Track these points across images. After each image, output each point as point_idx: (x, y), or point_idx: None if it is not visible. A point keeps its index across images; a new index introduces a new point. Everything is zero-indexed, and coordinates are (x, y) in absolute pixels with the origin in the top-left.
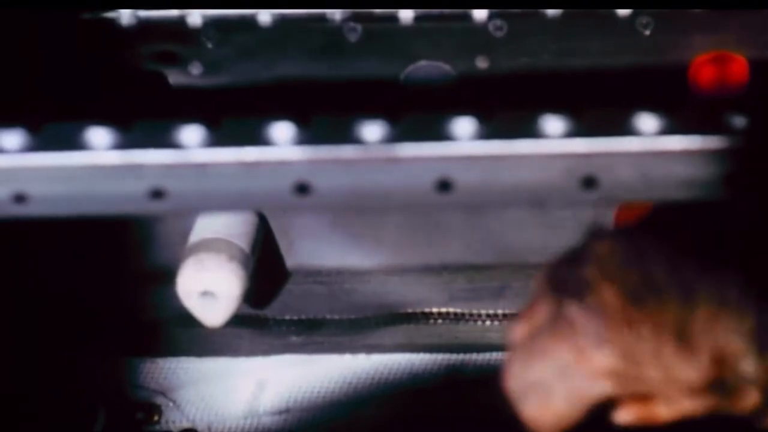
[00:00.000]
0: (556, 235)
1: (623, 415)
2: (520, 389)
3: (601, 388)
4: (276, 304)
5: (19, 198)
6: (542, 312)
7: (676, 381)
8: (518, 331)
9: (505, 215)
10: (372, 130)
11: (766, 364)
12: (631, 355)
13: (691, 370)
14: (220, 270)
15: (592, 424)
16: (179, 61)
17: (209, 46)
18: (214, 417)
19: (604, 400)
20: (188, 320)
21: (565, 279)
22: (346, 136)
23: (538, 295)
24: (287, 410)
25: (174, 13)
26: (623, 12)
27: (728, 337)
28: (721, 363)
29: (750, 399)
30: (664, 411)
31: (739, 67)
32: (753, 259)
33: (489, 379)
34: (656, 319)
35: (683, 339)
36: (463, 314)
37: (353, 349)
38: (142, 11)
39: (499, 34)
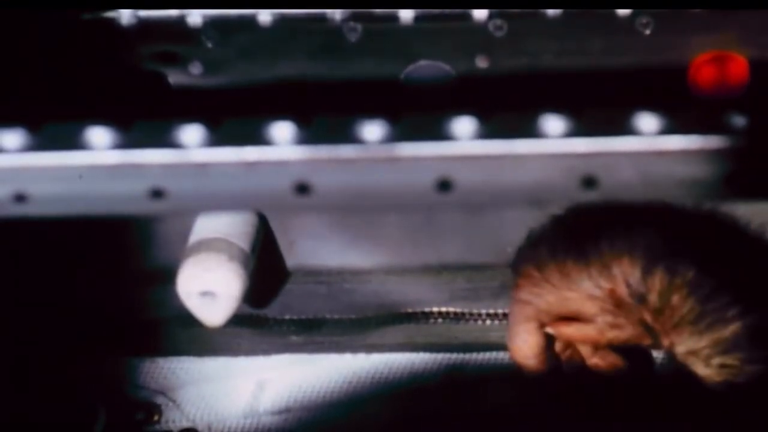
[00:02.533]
0: None
1: (556, 329)
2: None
3: (535, 307)
4: (276, 304)
5: (19, 198)
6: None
7: (576, 291)
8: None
9: (505, 215)
10: (372, 130)
11: (653, 280)
12: (546, 280)
13: (588, 281)
14: (220, 270)
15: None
16: (179, 61)
17: (209, 46)
18: (214, 417)
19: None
20: (188, 320)
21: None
22: (346, 136)
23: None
24: (287, 410)
25: (174, 13)
26: (623, 12)
27: (619, 256)
28: (611, 277)
29: (646, 317)
30: (588, 328)
31: (739, 67)
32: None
33: (489, 379)
34: (571, 257)
35: (581, 260)
36: (463, 314)
37: (353, 349)
38: (142, 11)
39: (499, 34)
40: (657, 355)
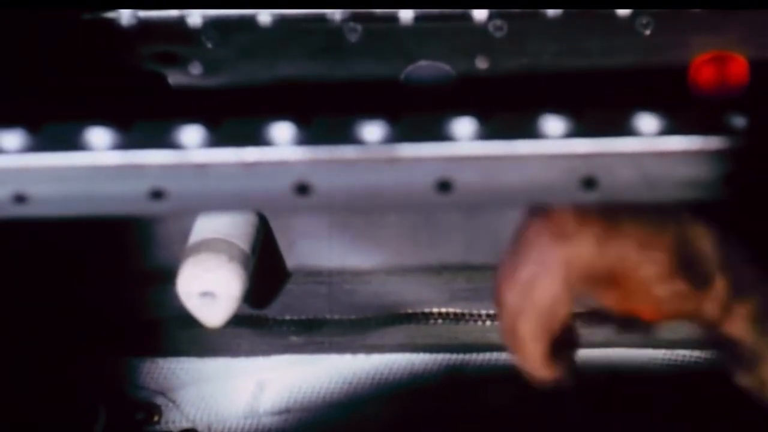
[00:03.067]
0: None
1: (605, 299)
2: (510, 304)
3: (582, 259)
4: (276, 304)
5: (19, 198)
6: (527, 234)
7: (646, 256)
8: (506, 261)
9: (505, 215)
10: (372, 130)
11: (722, 255)
12: (608, 232)
13: (658, 250)
14: (220, 270)
15: None
16: (179, 61)
17: (209, 46)
18: (214, 417)
19: (584, 282)
20: (188, 320)
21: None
22: (346, 136)
23: (521, 228)
24: (287, 410)
25: (174, 13)
26: (623, 12)
27: (693, 227)
28: (683, 244)
29: (717, 286)
30: (641, 298)
31: (739, 67)
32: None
33: (489, 379)
34: (627, 212)
35: (653, 226)
36: (463, 314)
37: (353, 349)
38: (142, 11)
39: (499, 34)
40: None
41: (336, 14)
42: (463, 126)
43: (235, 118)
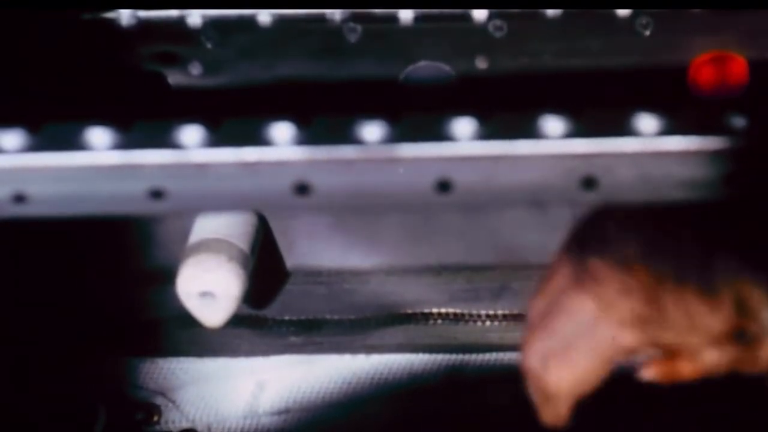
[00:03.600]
0: (555, 235)
1: (647, 373)
2: (541, 359)
3: (625, 338)
4: (276, 304)
5: (19, 198)
6: (562, 276)
7: (699, 328)
8: (537, 305)
9: (505, 215)
10: (372, 130)
11: None
12: (655, 302)
13: (713, 317)
14: (220, 270)
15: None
16: (179, 61)
17: (209, 46)
18: (214, 417)
19: (628, 354)
20: (188, 320)
21: (587, 238)
22: (346, 136)
23: (557, 262)
24: (287, 410)
25: (174, 13)
26: (623, 12)
27: (750, 286)
28: (742, 311)
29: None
30: (687, 366)
31: (739, 67)
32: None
33: (489, 379)
34: (679, 269)
35: (706, 287)
36: (462, 314)
37: (353, 349)
38: (142, 11)
39: (499, 34)
40: None
41: (336, 14)
42: (463, 126)
43: (235, 118)
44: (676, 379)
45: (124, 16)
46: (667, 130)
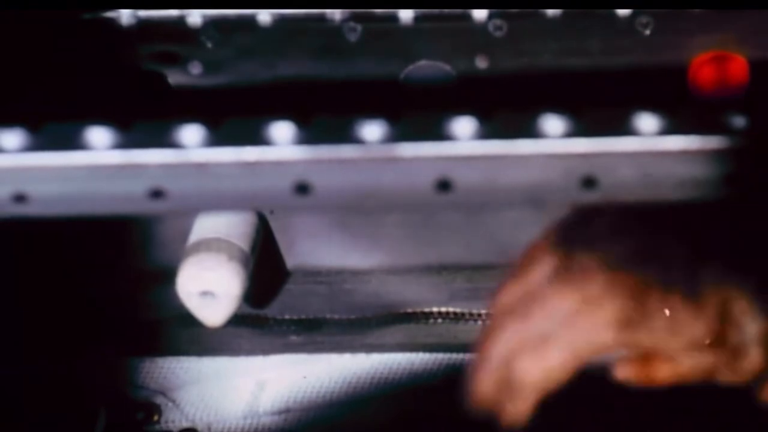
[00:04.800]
0: None
1: (622, 372)
2: (510, 348)
3: (605, 337)
4: (276, 304)
5: (19, 198)
6: (544, 267)
7: (680, 333)
8: (509, 292)
9: (505, 215)
10: (372, 130)
11: (764, 327)
12: (640, 305)
13: (696, 323)
14: (220, 270)
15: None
16: (179, 61)
17: (209, 46)
18: (214, 417)
19: (603, 352)
20: (188, 320)
21: (575, 234)
22: (346, 136)
23: (536, 253)
24: (287, 410)
25: (174, 13)
26: (623, 12)
27: (735, 294)
28: (725, 318)
29: (751, 360)
30: (663, 369)
31: (739, 67)
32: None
33: None
34: (666, 273)
35: (691, 293)
36: (463, 314)
37: (353, 349)
38: (142, 11)
39: (499, 34)
40: None
41: (336, 14)
42: (463, 126)
43: (235, 118)
44: (650, 381)
45: (124, 15)
46: (668, 130)
